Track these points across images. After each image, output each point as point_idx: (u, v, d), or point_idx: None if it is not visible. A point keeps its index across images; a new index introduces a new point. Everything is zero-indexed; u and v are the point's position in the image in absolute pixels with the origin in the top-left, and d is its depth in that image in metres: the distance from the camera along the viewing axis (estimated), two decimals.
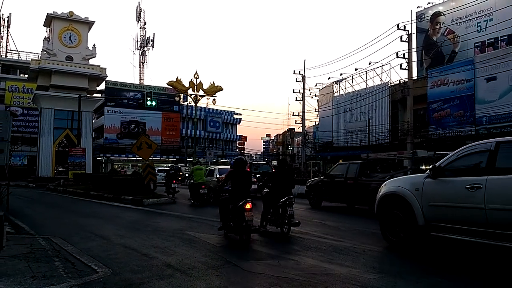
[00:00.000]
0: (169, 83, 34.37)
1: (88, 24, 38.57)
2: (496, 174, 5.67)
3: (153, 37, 64.61)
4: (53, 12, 36.94)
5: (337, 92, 36.87)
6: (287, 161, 10.99)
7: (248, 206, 7.58)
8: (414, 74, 27.12)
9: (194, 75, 33.63)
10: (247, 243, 7.43)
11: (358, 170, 13.16)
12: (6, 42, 54.37)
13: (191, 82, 33.56)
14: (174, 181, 18.24)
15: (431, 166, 7.00)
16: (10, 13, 52.69)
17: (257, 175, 12.26)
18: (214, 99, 34.82)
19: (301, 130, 39.69)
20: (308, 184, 15.38)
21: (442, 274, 5.40)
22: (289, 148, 70.44)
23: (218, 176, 16.01)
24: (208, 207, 14.28)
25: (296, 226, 8.48)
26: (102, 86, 44.13)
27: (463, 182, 6.02)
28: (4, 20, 53.89)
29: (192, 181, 15.89)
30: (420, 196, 6.66)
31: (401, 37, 25.65)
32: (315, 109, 41.28)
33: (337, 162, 39.55)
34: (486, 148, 6.09)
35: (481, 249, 6.27)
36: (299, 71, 35.55)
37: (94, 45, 38.78)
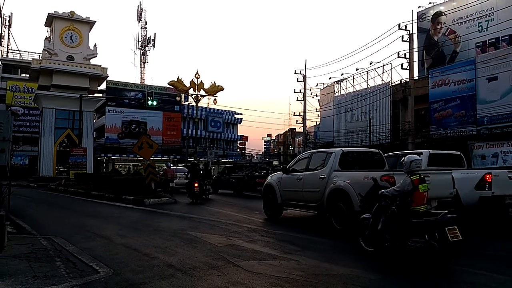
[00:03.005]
0: (170, 83, 34.39)
1: (89, 24, 38.57)
2: (309, 171, 9.82)
3: (154, 37, 64.61)
4: (54, 11, 36.97)
5: (338, 92, 36.83)
6: (197, 163, 19.59)
7: (196, 184, 16.17)
8: (415, 74, 27.13)
9: (195, 74, 33.65)
10: (247, 243, 7.45)
11: (228, 170, 22.96)
12: (8, 41, 54.44)
13: (192, 82, 33.57)
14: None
15: (281, 167, 12.94)
16: (11, 13, 52.72)
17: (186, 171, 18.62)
18: (215, 99, 34.81)
19: (302, 130, 39.72)
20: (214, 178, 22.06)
21: (442, 274, 5.39)
22: (290, 148, 70.37)
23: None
24: (209, 207, 14.30)
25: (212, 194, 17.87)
26: (103, 86, 44.13)
27: (296, 176, 10.13)
28: (5, 20, 53.95)
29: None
30: (279, 185, 10.75)
31: (402, 37, 25.65)
32: (316, 109, 41.27)
33: None
34: (306, 156, 10.63)
35: None
36: (300, 71, 35.57)
37: (95, 45, 38.80)
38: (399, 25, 25.43)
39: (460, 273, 5.71)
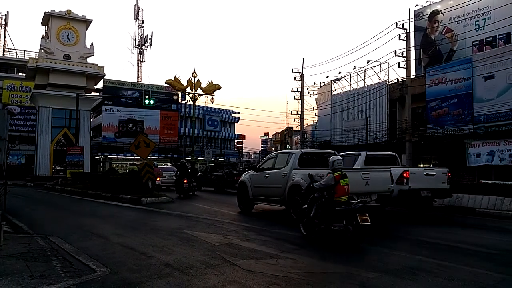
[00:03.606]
0: (167, 82, 34.24)
1: (86, 22, 38.44)
2: (274, 170, 11.29)
3: (151, 36, 64.43)
4: (51, 10, 36.82)
5: (335, 90, 36.85)
6: (185, 162, 20.67)
7: (185, 181, 17.97)
8: (412, 73, 27.13)
9: (192, 73, 33.51)
10: (247, 243, 7.44)
11: (210, 169, 24.92)
12: (4, 40, 54.19)
13: (189, 81, 33.45)
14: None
15: (252, 166, 15.70)
16: (7, 12, 52.68)
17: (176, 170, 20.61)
18: (212, 98, 34.72)
19: (299, 129, 39.73)
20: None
21: (440, 274, 5.41)
22: (288, 147, 70.39)
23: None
24: (206, 206, 14.29)
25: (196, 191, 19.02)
26: (100, 85, 44.05)
27: (264, 174, 11.62)
28: (1, 19, 53.71)
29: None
30: (251, 182, 12.14)
31: (399, 35, 25.66)
32: (313, 107, 41.29)
33: None
34: (273, 156, 12.25)
35: None
36: (298, 70, 35.55)
37: (92, 44, 38.70)
38: (396, 23, 25.44)
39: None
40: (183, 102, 47.51)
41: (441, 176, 11.36)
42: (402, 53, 25.61)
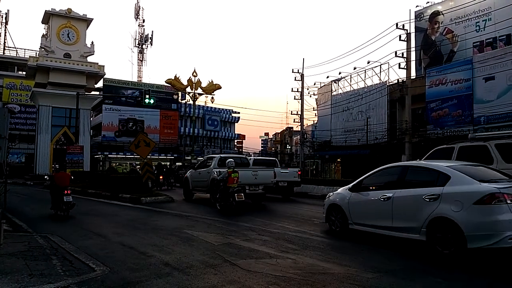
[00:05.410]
0: (167, 81, 34.26)
1: (86, 21, 38.43)
2: (203, 168, 15.76)
3: (152, 35, 64.46)
4: (51, 9, 36.79)
5: (335, 91, 36.86)
6: (162, 165, 27.10)
7: (161, 177, 22.97)
8: (413, 74, 27.13)
9: (193, 73, 33.53)
10: (247, 243, 7.45)
11: (177, 168, 30.23)
12: (4, 39, 54.23)
13: (189, 80, 33.46)
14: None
15: (191, 165, 25.52)
16: (8, 10, 52.62)
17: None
18: (212, 97, 34.76)
19: (299, 129, 39.70)
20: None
21: (439, 273, 5.41)
22: (288, 147, 70.41)
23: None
24: (206, 206, 14.30)
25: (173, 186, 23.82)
26: (100, 84, 44.01)
27: (198, 171, 15.85)
28: (2, 17, 53.71)
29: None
30: (191, 177, 16.24)
31: (400, 36, 25.65)
32: (313, 108, 41.29)
33: (335, 160, 40.02)
34: (205, 159, 16.80)
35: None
36: (298, 70, 35.52)
37: (92, 43, 38.69)
38: (397, 24, 25.44)
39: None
40: (183, 101, 47.49)
41: (293, 173, 17.50)
42: (402, 53, 25.61)
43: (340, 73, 35.71)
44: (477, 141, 9.29)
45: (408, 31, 25.75)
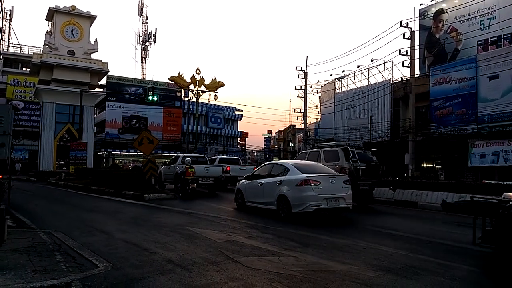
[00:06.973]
0: (170, 78, 34.32)
1: (90, 18, 38.49)
2: (172, 165, 19.88)
3: (155, 32, 64.51)
4: (56, 6, 36.89)
5: (339, 89, 36.80)
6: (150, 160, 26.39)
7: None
8: (417, 72, 27.10)
9: (196, 70, 33.60)
10: (248, 240, 7.47)
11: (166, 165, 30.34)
12: (8, 36, 54.24)
13: (192, 78, 33.51)
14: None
15: (165, 162, 24.20)
16: (12, 7, 52.51)
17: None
18: (215, 95, 34.78)
19: (302, 127, 39.68)
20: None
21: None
22: (290, 145, 70.34)
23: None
24: (209, 203, 14.33)
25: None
26: (103, 81, 44.13)
27: (168, 167, 20.37)
28: (6, 14, 53.78)
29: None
30: (163, 172, 20.38)
31: (404, 34, 25.58)
32: (316, 105, 41.24)
33: None
34: (174, 158, 21.05)
35: None
36: (301, 68, 35.49)
37: (96, 40, 38.76)
38: (401, 22, 25.36)
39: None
40: (187, 99, 47.48)
41: (250, 169, 18.77)
42: (406, 52, 25.54)
43: (343, 71, 35.66)
44: (324, 148, 14.74)
45: (412, 29, 25.68)
